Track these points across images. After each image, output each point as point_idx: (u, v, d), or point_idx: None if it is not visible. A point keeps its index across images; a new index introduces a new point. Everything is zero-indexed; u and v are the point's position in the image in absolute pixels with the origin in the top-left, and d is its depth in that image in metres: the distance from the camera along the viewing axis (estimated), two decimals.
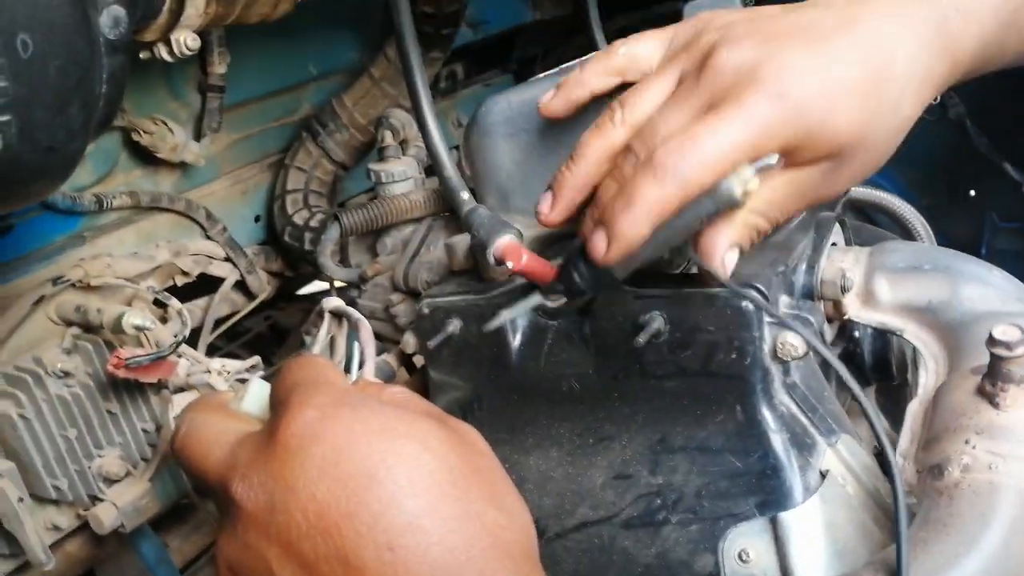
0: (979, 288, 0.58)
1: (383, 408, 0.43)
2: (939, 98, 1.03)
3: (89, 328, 0.78)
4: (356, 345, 0.55)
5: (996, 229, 1.05)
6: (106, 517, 0.74)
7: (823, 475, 0.56)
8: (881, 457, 0.61)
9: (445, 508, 0.40)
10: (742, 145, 0.50)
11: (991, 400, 0.49)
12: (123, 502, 0.75)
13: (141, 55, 0.65)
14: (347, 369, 0.54)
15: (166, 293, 0.82)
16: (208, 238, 0.95)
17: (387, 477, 0.40)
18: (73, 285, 0.79)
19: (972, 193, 1.10)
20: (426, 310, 0.71)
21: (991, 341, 0.47)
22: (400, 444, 0.41)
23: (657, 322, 0.59)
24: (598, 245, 0.53)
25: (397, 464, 0.40)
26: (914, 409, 0.55)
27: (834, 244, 0.67)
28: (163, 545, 0.91)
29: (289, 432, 0.41)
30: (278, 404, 0.44)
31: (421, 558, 0.39)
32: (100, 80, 0.52)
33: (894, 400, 0.83)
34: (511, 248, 0.63)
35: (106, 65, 0.51)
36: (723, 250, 0.54)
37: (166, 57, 0.64)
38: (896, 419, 0.81)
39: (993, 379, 0.48)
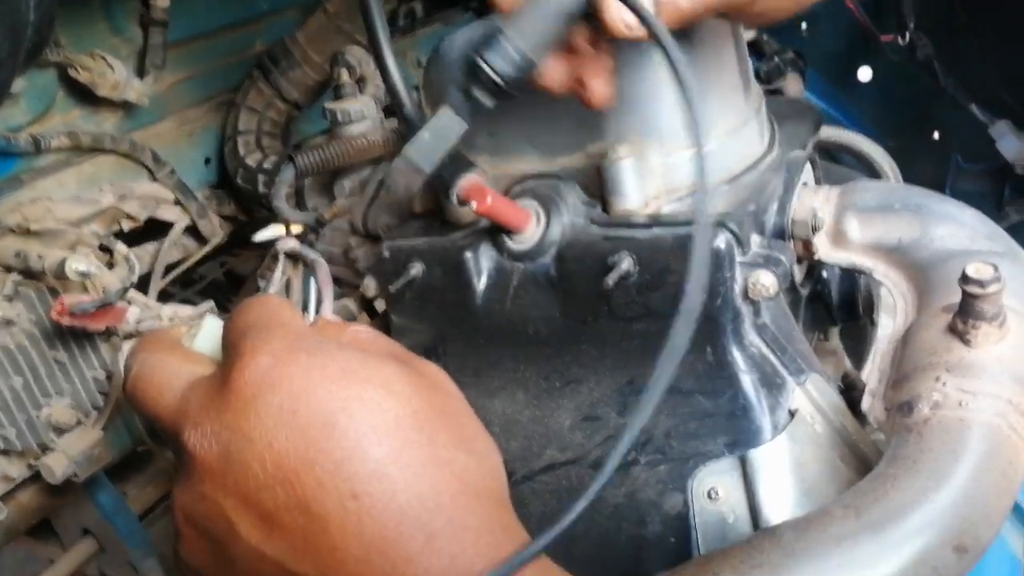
0: (950, 227, 0.58)
1: (342, 351, 0.41)
2: (908, 38, 1.03)
3: (30, 274, 0.74)
4: (313, 285, 0.52)
5: (960, 170, 1.06)
6: (57, 466, 0.72)
7: (792, 414, 0.56)
8: (848, 395, 0.62)
9: (411, 454, 0.39)
10: None
11: (962, 337, 0.48)
12: (75, 451, 0.73)
13: None
14: (304, 309, 0.51)
15: (112, 238, 0.78)
16: (155, 181, 0.91)
17: (348, 424, 0.38)
18: (12, 230, 0.76)
19: (936, 135, 1.10)
20: (387, 253, 0.68)
21: (964, 279, 0.47)
22: (361, 389, 0.39)
23: (626, 263, 0.58)
24: None
25: (359, 410, 0.39)
26: (883, 348, 0.55)
27: (804, 184, 0.66)
28: (120, 494, 0.89)
29: (243, 380, 0.39)
30: (230, 348, 0.42)
31: (386, 506, 0.37)
32: (27, 5, 0.48)
33: (858, 340, 0.84)
34: (476, 188, 0.61)
35: None
36: None
37: None
38: (860, 359, 0.82)
39: (964, 316, 0.48)
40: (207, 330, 0.46)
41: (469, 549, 0.38)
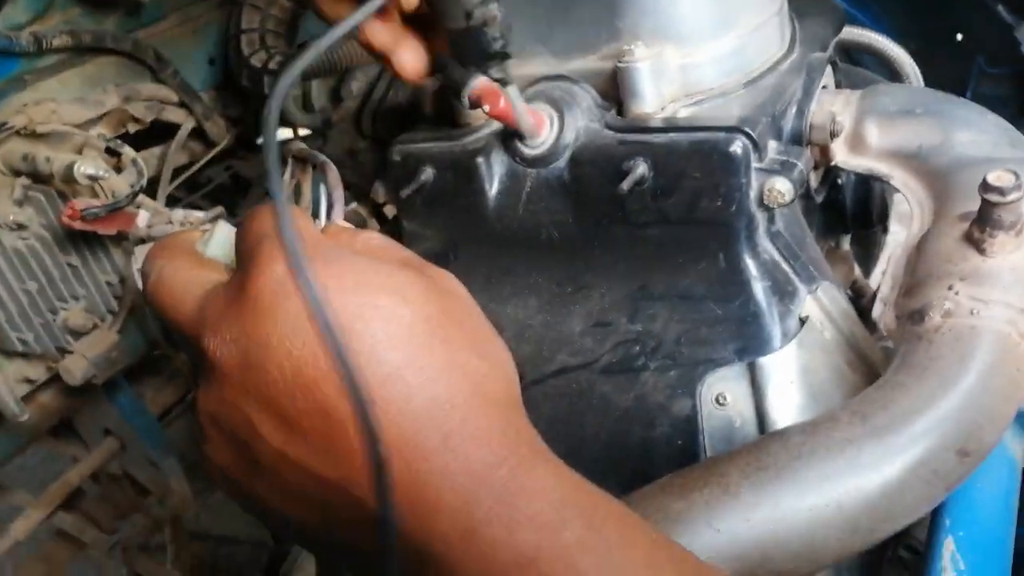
0: (972, 133, 0.57)
1: (355, 259, 0.41)
2: None
3: (39, 178, 0.73)
4: (323, 189, 0.52)
5: (982, 74, 1.03)
6: (77, 368, 0.74)
7: (802, 321, 0.56)
8: (857, 302, 0.62)
9: (425, 358, 0.39)
10: None
11: (978, 246, 0.48)
12: (93, 353, 0.74)
13: None
14: (315, 214, 0.51)
15: (118, 140, 0.77)
16: (159, 81, 0.89)
17: (364, 330, 0.38)
18: (18, 132, 0.74)
19: (959, 37, 1.06)
20: (397, 157, 0.67)
21: (984, 186, 0.46)
22: (375, 297, 0.40)
23: (641, 168, 0.57)
24: None
25: (374, 317, 0.39)
26: (897, 255, 0.55)
27: (824, 87, 0.65)
28: (138, 395, 0.91)
29: (259, 287, 0.39)
30: (246, 256, 0.42)
31: (403, 408, 0.38)
32: None
33: (866, 248, 0.83)
34: (488, 89, 0.59)
35: None
36: None
37: None
38: (868, 267, 0.82)
39: (982, 225, 0.48)
40: (219, 236, 0.46)
41: (483, 448, 0.39)
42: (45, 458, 0.98)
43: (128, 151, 0.76)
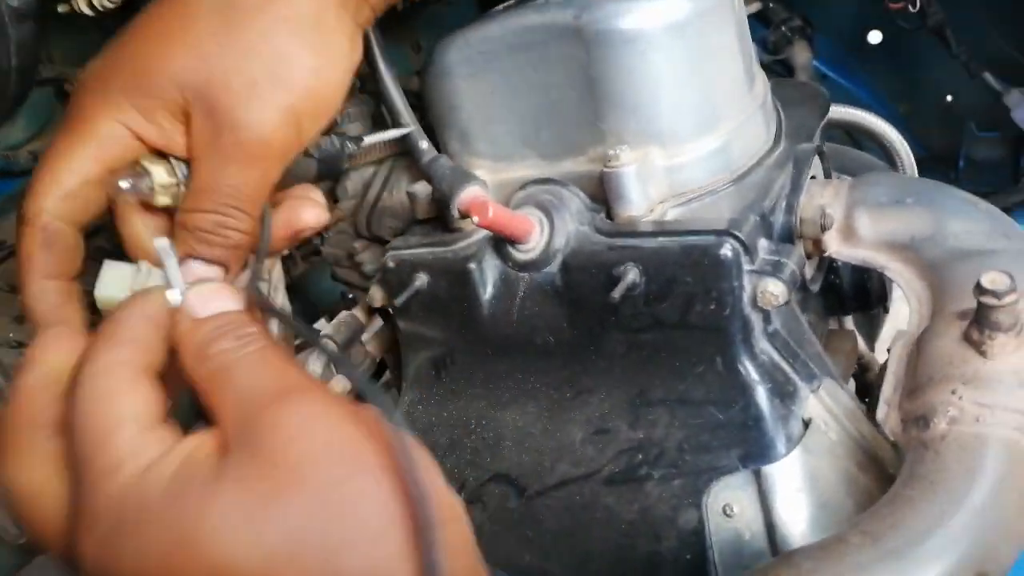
0: (964, 223, 0.56)
1: (162, 528, 0.35)
2: (918, 5, 0.99)
3: None
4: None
5: (974, 138, 1.03)
6: None
7: (806, 424, 0.55)
8: (863, 377, 0.61)
9: None
10: None
11: (978, 348, 0.47)
12: None
13: (60, 8, 0.59)
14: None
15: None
16: None
17: None
18: (13, 253, 0.75)
19: (949, 98, 1.07)
20: (392, 264, 0.68)
21: (979, 289, 0.46)
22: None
23: (632, 274, 0.57)
24: None
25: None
26: (897, 353, 0.54)
27: (813, 177, 0.65)
28: None
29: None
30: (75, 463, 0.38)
31: None
32: (8, 52, 0.47)
33: (871, 325, 0.83)
34: (477, 202, 0.59)
35: (13, 35, 0.47)
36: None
37: (86, 11, 0.59)
38: (871, 345, 0.81)
39: (980, 327, 0.47)
40: (106, 278, 0.43)
41: None
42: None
43: None
